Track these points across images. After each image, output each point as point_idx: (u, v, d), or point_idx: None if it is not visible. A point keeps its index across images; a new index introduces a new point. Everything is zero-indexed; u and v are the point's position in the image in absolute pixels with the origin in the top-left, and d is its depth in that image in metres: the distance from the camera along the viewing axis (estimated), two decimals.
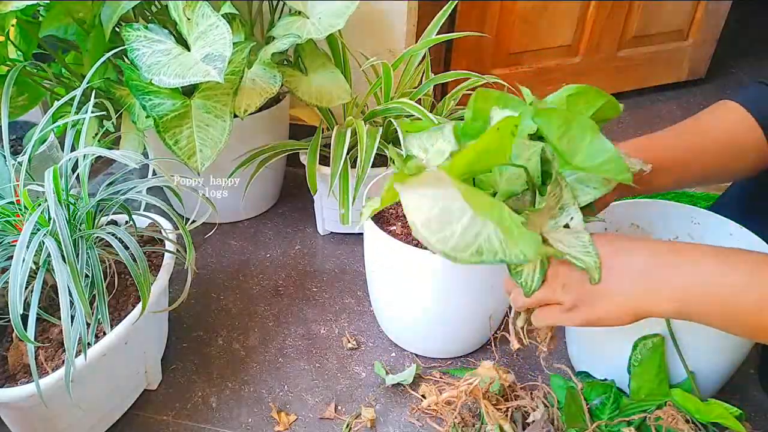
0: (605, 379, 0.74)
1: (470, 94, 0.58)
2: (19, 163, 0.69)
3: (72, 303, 0.57)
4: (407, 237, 0.80)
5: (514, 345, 0.62)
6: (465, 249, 0.44)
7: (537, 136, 0.50)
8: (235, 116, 0.90)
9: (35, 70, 0.96)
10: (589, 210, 0.52)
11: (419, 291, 0.76)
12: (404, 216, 0.81)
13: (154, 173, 0.78)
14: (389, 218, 0.86)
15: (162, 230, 0.80)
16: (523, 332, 0.61)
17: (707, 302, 0.46)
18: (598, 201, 0.54)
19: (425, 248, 0.75)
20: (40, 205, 0.61)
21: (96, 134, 0.93)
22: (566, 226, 0.49)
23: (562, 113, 0.47)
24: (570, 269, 0.51)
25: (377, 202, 0.57)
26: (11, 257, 0.57)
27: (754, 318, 0.45)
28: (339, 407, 0.78)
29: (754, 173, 0.69)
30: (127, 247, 0.64)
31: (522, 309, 0.59)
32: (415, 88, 1.10)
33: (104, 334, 0.66)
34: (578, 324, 0.52)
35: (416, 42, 1.17)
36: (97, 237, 0.68)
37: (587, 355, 0.80)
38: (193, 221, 0.79)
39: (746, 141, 0.65)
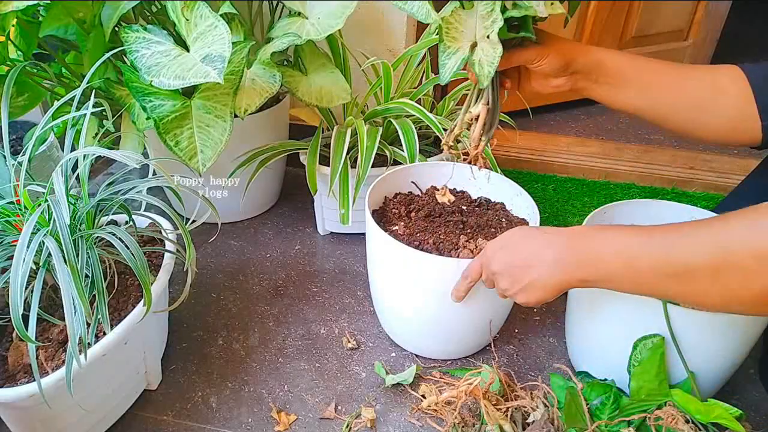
0: (605, 379, 0.74)
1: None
2: (19, 163, 0.69)
3: (72, 303, 0.58)
4: (409, 238, 0.80)
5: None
6: None
7: None
8: (235, 116, 0.90)
9: (35, 70, 0.96)
10: (526, 32, 0.59)
11: (420, 293, 0.76)
12: (407, 215, 0.85)
13: (154, 173, 0.78)
14: (392, 218, 0.85)
15: (162, 230, 0.80)
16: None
17: (612, 265, 0.54)
18: (540, 59, 0.62)
19: (427, 250, 0.76)
20: (40, 205, 0.61)
21: (96, 134, 0.93)
22: (488, 37, 0.56)
23: None
24: (498, 243, 0.64)
25: None
26: (11, 257, 0.57)
27: (655, 264, 0.50)
28: (339, 407, 0.78)
29: (741, 143, 0.65)
30: (127, 247, 0.64)
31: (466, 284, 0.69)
32: (415, 88, 1.10)
33: (104, 334, 0.66)
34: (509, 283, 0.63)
35: (416, 42, 1.17)
36: (97, 237, 0.68)
37: (587, 355, 0.80)
38: (193, 221, 0.79)
39: (731, 101, 0.63)
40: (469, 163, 0.69)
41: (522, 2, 0.54)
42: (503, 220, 0.85)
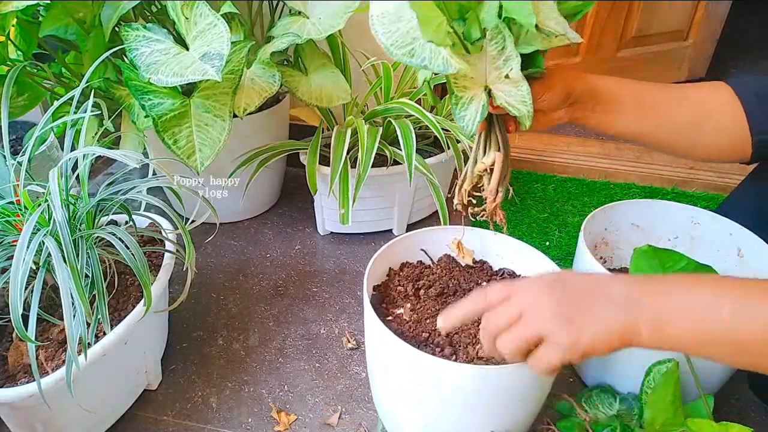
0: (628, 393, 0.72)
1: None
2: (19, 163, 0.69)
3: (72, 303, 0.57)
4: (416, 326, 0.66)
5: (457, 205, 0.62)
6: (402, 47, 0.51)
7: None
8: (235, 116, 0.90)
9: (35, 70, 0.96)
10: (536, 66, 0.53)
11: (430, 402, 0.61)
12: (414, 294, 0.72)
13: (154, 173, 0.78)
14: (396, 298, 0.72)
15: (162, 230, 0.80)
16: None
17: (680, 325, 0.45)
18: (546, 93, 0.57)
19: (439, 345, 0.64)
20: (40, 205, 0.61)
21: (96, 134, 0.93)
22: (507, 77, 0.51)
23: None
24: (545, 297, 0.48)
25: None
26: (11, 257, 0.57)
27: (725, 335, 0.44)
28: (343, 416, 0.78)
29: (732, 160, 0.65)
30: (127, 247, 0.64)
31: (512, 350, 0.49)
32: (415, 88, 1.10)
33: (104, 334, 0.66)
34: (565, 349, 0.46)
35: None
36: (97, 237, 0.68)
37: (600, 374, 0.78)
38: (193, 221, 0.79)
39: (724, 118, 0.62)
40: (486, 218, 0.61)
41: (546, 30, 0.49)
42: None
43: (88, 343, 0.62)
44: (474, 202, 0.63)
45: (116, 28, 0.86)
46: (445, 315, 0.54)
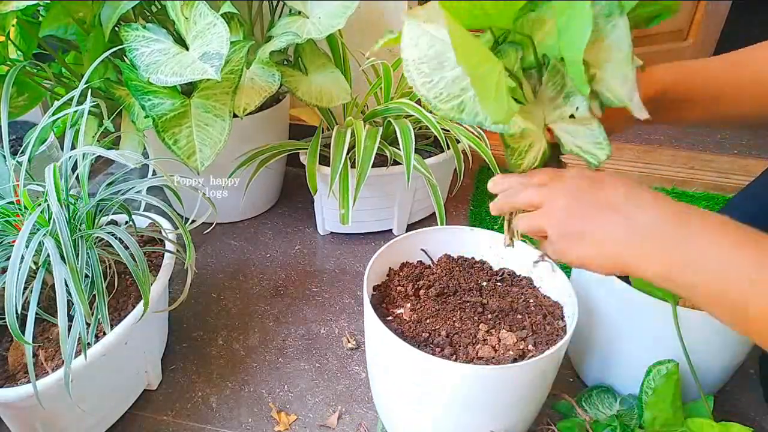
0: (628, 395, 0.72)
1: None
2: (19, 163, 0.69)
3: (72, 303, 0.57)
4: (416, 327, 0.65)
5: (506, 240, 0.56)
6: (448, 100, 0.42)
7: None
8: (235, 116, 0.90)
9: (35, 70, 0.96)
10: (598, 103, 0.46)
11: (430, 402, 0.61)
12: (414, 294, 0.71)
13: (154, 173, 0.78)
14: (396, 298, 0.71)
15: (162, 230, 0.80)
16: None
17: (697, 283, 0.43)
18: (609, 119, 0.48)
19: (439, 345, 0.63)
20: (39, 205, 0.61)
21: (95, 134, 0.93)
22: (572, 116, 0.44)
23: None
24: (574, 199, 0.47)
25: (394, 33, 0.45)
26: (11, 257, 0.57)
27: (740, 308, 0.41)
28: (342, 417, 0.78)
29: None
30: (127, 247, 0.64)
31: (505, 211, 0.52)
32: None
33: (104, 334, 0.66)
34: (558, 256, 0.48)
35: None
36: (97, 237, 0.68)
37: (600, 374, 0.78)
38: (193, 221, 0.79)
39: None
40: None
41: (605, 96, 0.42)
42: (531, 300, 0.70)
43: (88, 344, 0.62)
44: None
45: (116, 28, 0.86)
46: (497, 180, 0.52)
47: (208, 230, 1.09)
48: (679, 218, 0.44)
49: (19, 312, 0.55)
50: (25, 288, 0.58)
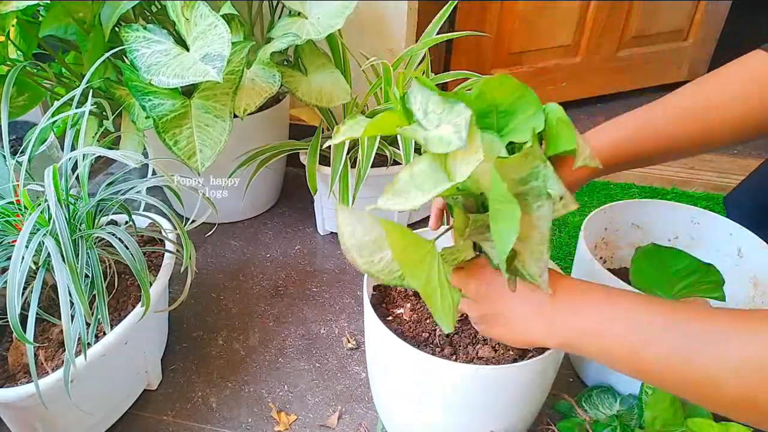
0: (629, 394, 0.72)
1: None
2: (19, 163, 0.69)
3: (72, 303, 0.57)
4: (416, 326, 0.66)
5: None
6: (390, 274, 0.48)
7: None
8: (235, 116, 0.90)
9: (35, 70, 0.96)
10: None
11: (430, 403, 0.61)
12: (414, 295, 0.71)
13: (154, 173, 0.78)
14: (396, 297, 0.71)
15: (162, 230, 0.80)
16: None
17: (589, 345, 0.46)
18: (569, 177, 0.50)
19: (439, 344, 0.63)
20: (39, 205, 0.61)
21: (96, 134, 0.93)
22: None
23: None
24: (484, 284, 0.51)
25: (354, 129, 0.46)
26: (11, 257, 0.57)
27: (629, 365, 0.44)
28: (343, 417, 0.78)
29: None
30: (127, 247, 0.64)
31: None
32: None
33: (104, 334, 0.66)
34: (482, 334, 0.56)
35: (416, 42, 1.17)
36: (97, 237, 0.68)
37: (600, 374, 0.78)
38: (193, 221, 0.79)
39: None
40: None
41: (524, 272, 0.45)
42: None
43: (88, 344, 0.62)
44: None
45: (116, 29, 0.86)
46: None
47: (210, 232, 1.09)
48: (563, 297, 0.48)
49: (19, 312, 0.55)
50: (25, 288, 0.58)
